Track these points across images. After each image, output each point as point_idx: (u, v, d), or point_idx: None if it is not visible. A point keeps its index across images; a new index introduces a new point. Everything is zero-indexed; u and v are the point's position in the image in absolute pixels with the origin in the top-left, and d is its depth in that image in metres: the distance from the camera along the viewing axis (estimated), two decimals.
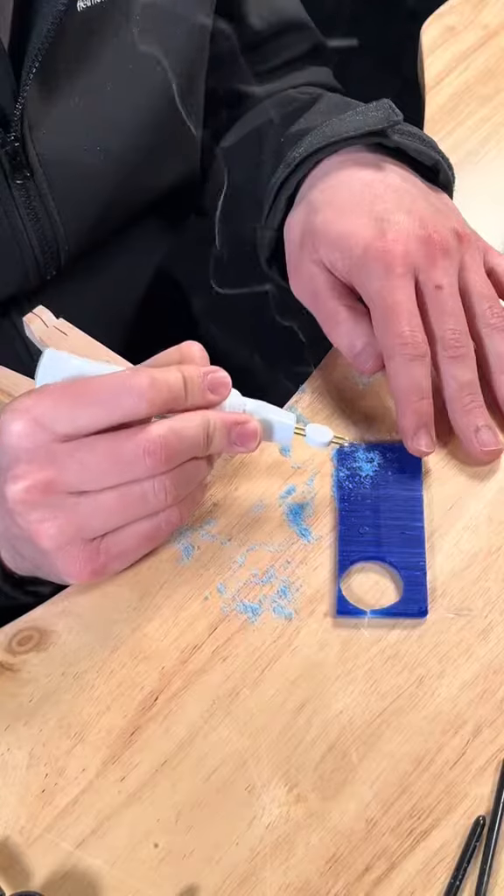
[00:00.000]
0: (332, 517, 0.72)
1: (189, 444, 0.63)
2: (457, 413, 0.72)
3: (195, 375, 0.65)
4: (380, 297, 0.70)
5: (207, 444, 0.65)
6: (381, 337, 0.71)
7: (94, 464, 0.61)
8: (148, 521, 0.65)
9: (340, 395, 0.77)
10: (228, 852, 0.61)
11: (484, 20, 0.99)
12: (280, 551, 0.71)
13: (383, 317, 0.70)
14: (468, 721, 0.64)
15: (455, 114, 0.93)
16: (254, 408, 0.68)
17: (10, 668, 0.67)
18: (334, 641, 0.67)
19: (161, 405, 0.62)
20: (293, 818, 0.61)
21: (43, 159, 0.80)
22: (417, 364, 0.70)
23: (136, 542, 0.65)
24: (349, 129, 0.76)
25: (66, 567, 0.63)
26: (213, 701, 0.65)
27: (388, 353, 0.70)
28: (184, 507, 0.66)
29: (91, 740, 0.64)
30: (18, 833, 0.62)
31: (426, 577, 0.68)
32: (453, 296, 0.72)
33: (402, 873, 0.60)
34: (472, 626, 0.67)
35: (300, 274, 0.76)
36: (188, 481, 0.65)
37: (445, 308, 0.71)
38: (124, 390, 0.61)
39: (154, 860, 0.61)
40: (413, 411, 0.70)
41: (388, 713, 0.64)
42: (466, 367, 0.72)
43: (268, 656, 0.67)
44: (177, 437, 0.62)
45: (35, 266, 0.85)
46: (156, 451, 0.61)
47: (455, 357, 0.71)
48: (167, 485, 0.63)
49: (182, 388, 0.64)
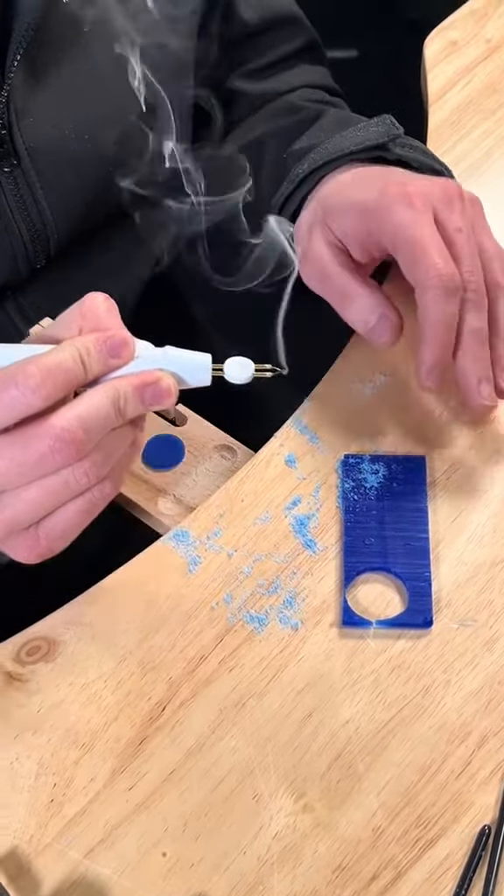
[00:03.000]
0: (338, 528, 0.72)
1: (99, 425, 0.60)
2: (467, 359, 0.70)
3: (91, 346, 0.61)
4: (406, 232, 0.69)
5: (120, 415, 0.61)
6: (412, 272, 0.69)
7: (3, 468, 0.59)
8: (81, 498, 0.62)
9: (345, 407, 0.78)
10: (236, 861, 0.61)
11: (487, 34, 1.00)
12: (286, 562, 0.71)
13: (412, 252, 0.69)
14: (473, 731, 0.64)
15: (458, 127, 0.94)
16: (167, 356, 0.64)
17: (19, 678, 0.67)
18: (340, 652, 0.67)
19: (58, 392, 0.59)
20: (300, 827, 0.62)
21: (30, 147, 0.81)
22: (452, 299, 0.69)
23: (74, 520, 0.63)
24: (350, 145, 0.77)
25: (13, 554, 0.63)
26: (220, 711, 0.66)
27: (421, 288, 0.69)
28: (116, 476, 0.63)
29: (99, 750, 0.65)
30: (27, 842, 0.62)
31: (431, 587, 0.69)
32: (471, 241, 0.71)
33: (408, 882, 0.60)
34: (477, 637, 0.67)
35: (309, 258, 0.75)
36: (110, 454, 0.62)
37: (464, 251, 0.70)
38: (14, 388, 0.58)
39: (162, 869, 0.61)
40: (441, 344, 0.69)
41: (394, 723, 0.65)
42: (482, 315, 0.71)
43: (274, 666, 0.67)
44: (82, 426, 0.59)
45: (24, 254, 0.85)
46: (62, 447, 0.59)
47: (473, 301, 0.70)
48: (87, 467, 0.60)
49: (79, 364, 0.60)
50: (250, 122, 0.95)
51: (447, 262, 0.68)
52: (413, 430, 0.76)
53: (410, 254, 0.69)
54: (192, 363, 0.64)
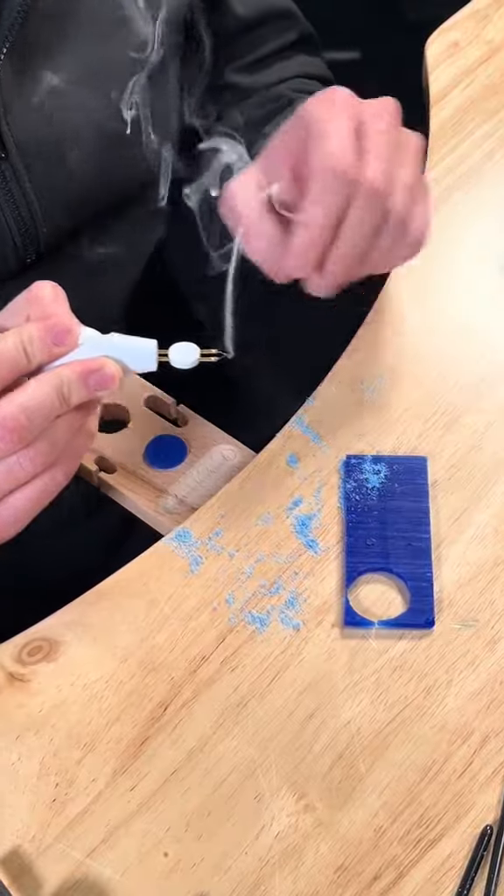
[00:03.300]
0: (340, 528, 0.72)
1: (43, 413, 0.61)
2: (346, 249, 0.65)
3: (34, 334, 0.62)
4: (318, 125, 0.65)
5: (65, 402, 0.62)
6: (309, 160, 0.64)
7: None
8: (30, 486, 0.63)
9: (347, 407, 0.78)
10: (238, 861, 0.61)
11: (488, 36, 1.00)
12: (288, 562, 0.71)
13: (315, 140, 0.64)
14: (475, 731, 0.64)
15: (459, 128, 0.94)
16: (112, 343, 0.65)
17: (21, 679, 0.67)
18: (342, 652, 0.67)
19: (1, 382, 0.60)
20: (302, 827, 0.62)
21: (18, 141, 0.81)
22: (340, 191, 0.64)
23: (24, 507, 0.63)
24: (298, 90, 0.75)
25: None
26: (221, 711, 0.66)
27: (311, 176, 0.64)
28: (67, 463, 0.64)
29: (101, 750, 0.65)
30: (29, 842, 0.62)
31: (433, 588, 0.69)
32: (390, 145, 0.66)
33: (410, 882, 0.60)
34: (478, 637, 0.67)
35: (233, 190, 0.69)
36: (55, 442, 0.63)
37: (382, 153, 0.65)
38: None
39: (164, 869, 0.61)
40: (313, 243, 0.65)
41: (396, 723, 0.65)
42: (369, 216, 0.65)
43: (276, 667, 0.67)
44: (25, 414, 0.60)
45: (13, 249, 0.85)
46: (4, 435, 0.59)
47: (376, 198, 0.65)
48: (31, 455, 0.61)
49: (21, 353, 0.61)
50: (231, 114, 0.95)
51: (345, 153, 0.64)
52: (415, 430, 0.76)
53: (314, 141, 0.65)
54: (137, 349, 0.65)
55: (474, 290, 0.84)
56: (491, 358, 0.80)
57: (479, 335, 0.81)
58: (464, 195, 0.86)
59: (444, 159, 0.91)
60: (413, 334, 0.81)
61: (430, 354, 0.80)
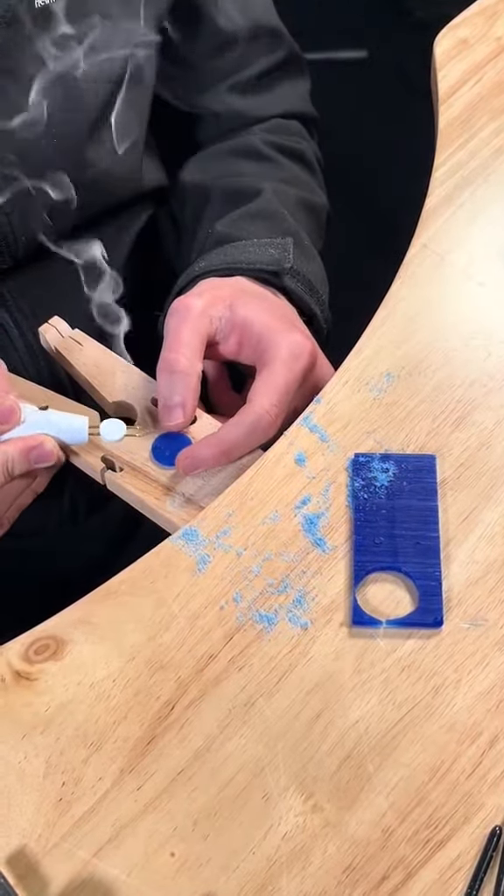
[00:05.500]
0: (348, 527, 0.72)
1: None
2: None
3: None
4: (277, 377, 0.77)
5: (9, 475, 0.72)
6: (254, 392, 0.76)
7: None
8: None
9: (356, 405, 0.77)
10: (245, 861, 0.61)
11: (497, 32, 1.00)
12: (295, 561, 0.71)
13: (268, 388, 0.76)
14: (484, 731, 0.64)
15: (468, 126, 0.94)
16: (48, 420, 0.74)
17: (27, 677, 0.67)
18: (350, 651, 0.67)
19: None
20: (309, 827, 0.61)
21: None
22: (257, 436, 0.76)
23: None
24: (244, 261, 0.82)
25: None
26: (229, 710, 0.65)
27: (247, 412, 0.76)
28: (9, 517, 0.76)
29: (107, 749, 0.64)
30: (35, 841, 0.62)
31: (442, 587, 0.68)
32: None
33: (418, 882, 0.60)
34: (487, 636, 0.67)
35: (181, 304, 0.77)
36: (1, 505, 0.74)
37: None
38: None
39: (171, 869, 0.61)
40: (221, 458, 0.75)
41: (404, 723, 0.64)
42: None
43: (283, 666, 0.67)
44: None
45: (5, 244, 0.86)
46: None
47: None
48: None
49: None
50: (215, 156, 0.98)
51: (275, 417, 0.75)
52: (423, 428, 0.76)
53: (266, 384, 0.76)
54: (71, 425, 0.75)
55: (482, 287, 0.84)
56: (500, 354, 0.80)
57: (488, 332, 0.81)
58: (472, 192, 0.85)
59: (452, 157, 0.90)
60: (421, 332, 0.81)
61: (438, 352, 0.80)
